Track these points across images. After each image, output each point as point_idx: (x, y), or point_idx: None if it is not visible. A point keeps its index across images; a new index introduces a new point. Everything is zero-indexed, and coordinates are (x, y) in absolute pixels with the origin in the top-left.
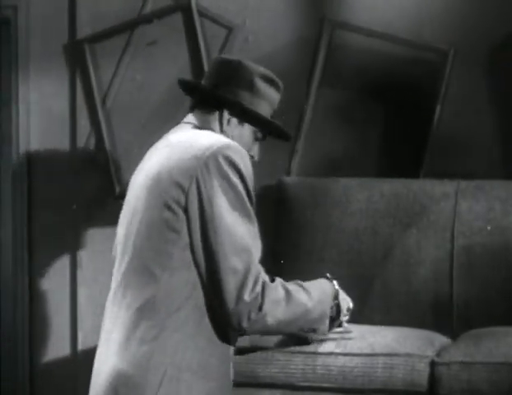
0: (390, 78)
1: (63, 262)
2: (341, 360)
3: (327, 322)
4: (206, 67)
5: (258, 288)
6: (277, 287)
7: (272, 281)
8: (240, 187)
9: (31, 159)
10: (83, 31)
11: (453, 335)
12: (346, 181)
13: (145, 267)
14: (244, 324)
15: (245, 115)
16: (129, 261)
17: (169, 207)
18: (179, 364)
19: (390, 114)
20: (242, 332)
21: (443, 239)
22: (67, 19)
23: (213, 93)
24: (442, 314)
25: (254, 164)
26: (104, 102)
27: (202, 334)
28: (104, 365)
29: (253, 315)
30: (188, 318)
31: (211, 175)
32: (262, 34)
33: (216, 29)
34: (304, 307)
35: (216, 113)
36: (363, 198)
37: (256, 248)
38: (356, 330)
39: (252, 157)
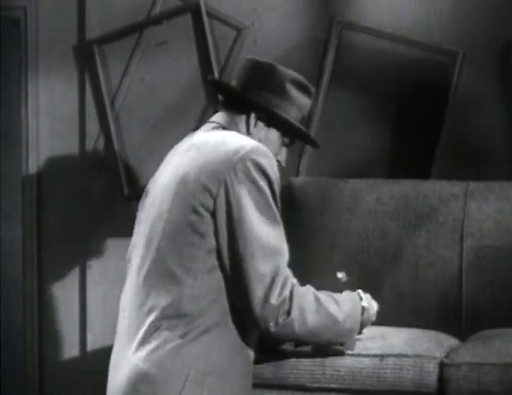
0: (399, 80)
1: (73, 264)
2: (350, 361)
3: (355, 337)
4: (215, 68)
5: (286, 292)
6: (307, 294)
7: (303, 287)
8: (268, 191)
9: (40, 160)
10: (92, 32)
11: (463, 336)
12: (355, 182)
13: (169, 269)
14: (272, 328)
15: (272, 120)
16: (152, 263)
17: (195, 211)
18: (203, 368)
19: (399, 116)
20: (271, 337)
21: (452, 240)
22: (76, 20)
23: (242, 95)
24: (451, 315)
25: None
26: (113, 103)
27: (226, 338)
28: (125, 363)
29: (280, 320)
30: (213, 323)
31: (239, 180)
32: (271, 35)
33: (226, 30)
34: (335, 319)
35: (244, 116)
36: (372, 199)
37: (284, 252)
38: (365, 331)
39: (278, 162)
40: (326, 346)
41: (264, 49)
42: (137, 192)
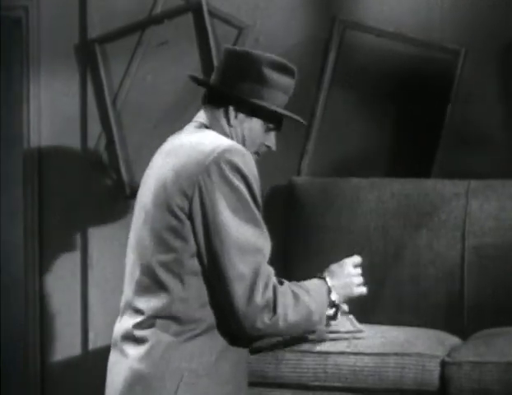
0: (401, 78)
1: (74, 262)
2: (352, 360)
3: (324, 322)
4: None
5: (270, 292)
6: (287, 290)
7: (281, 283)
8: (244, 190)
9: (42, 159)
10: (94, 31)
11: (464, 335)
12: (357, 181)
13: (157, 275)
14: (259, 326)
15: (251, 109)
16: (142, 268)
17: (175, 215)
18: (196, 369)
19: (401, 114)
20: (255, 336)
21: (454, 238)
22: (77, 19)
23: (217, 89)
24: (453, 314)
25: (265, 165)
26: (114, 102)
27: (217, 340)
28: (121, 364)
29: (266, 318)
30: (205, 325)
31: (212, 182)
32: (272, 34)
33: (227, 29)
34: (309, 309)
35: (222, 109)
36: (373, 198)
37: (263, 250)
38: (367, 330)
39: (268, 147)
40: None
41: (266, 48)
42: (137, 191)
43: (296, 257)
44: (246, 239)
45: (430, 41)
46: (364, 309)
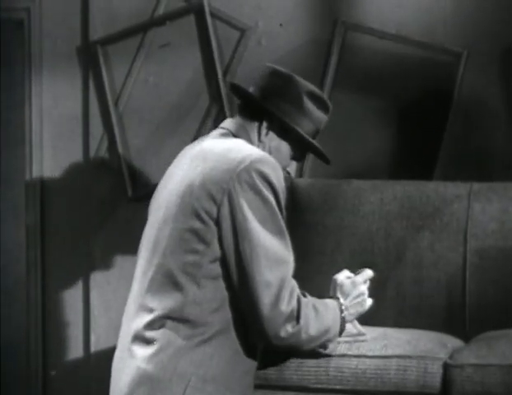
0: (403, 80)
1: (77, 266)
2: (353, 362)
3: (336, 341)
4: (219, 69)
5: (294, 302)
6: (309, 303)
7: (304, 296)
8: (272, 201)
9: (44, 161)
10: (96, 33)
11: (466, 337)
12: (359, 183)
13: (173, 276)
14: (282, 334)
15: (284, 131)
16: (157, 267)
17: (200, 218)
18: (204, 375)
19: (403, 116)
20: (278, 345)
21: (456, 241)
22: (79, 21)
23: (257, 102)
24: (455, 316)
25: None
26: (116, 104)
27: (228, 346)
28: (128, 364)
29: (289, 327)
30: (216, 331)
31: (243, 189)
32: (275, 36)
33: (229, 31)
34: (327, 325)
35: (256, 123)
36: (375, 200)
37: (289, 262)
38: (369, 332)
39: (288, 173)
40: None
41: (268, 50)
42: (140, 193)
43: (298, 259)
44: (273, 249)
45: (433, 43)
46: (366, 311)
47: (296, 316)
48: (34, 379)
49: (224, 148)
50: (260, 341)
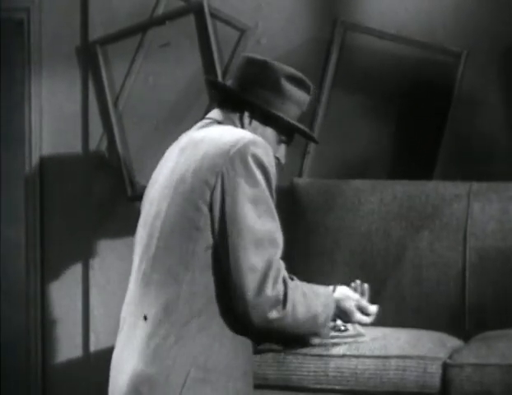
0: (403, 80)
1: (76, 264)
2: (353, 363)
3: (328, 326)
4: (218, 69)
5: (280, 286)
6: (297, 288)
7: (291, 279)
8: (264, 184)
9: (43, 161)
10: (95, 33)
11: (466, 337)
12: (359, 183)
13: (168, 266)
14: (268, 318)
15: (266, 118)
16: (151, 261)
17: (195, 206)
18: (204, 365)
19: (403, 116)
20: (264, 329)
21: (455, 240)
22: (79, 21)
23: (236, 94)
24: (454, 316)
25: None
26: (116, 104)
27: (226, 334)
28: (126, 364)
29: (275, 311)
30: (212, 320)
31: (236, 172)
32: (274, 36)
33: (229, 31)
34: (316, 310)
35: (238, 114)
36: (375, 200)
37: (277, 244)
38: (368, 332)
39: (277, 159)
40: (302, 337)
41: (267, 50)
42: (139, 192)
43: (298, 258)
44: (262, 231)
45: (432, 43)
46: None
47: (283, 300)
48: (33, 379)
49: (214, 134)
50: (246, 326)
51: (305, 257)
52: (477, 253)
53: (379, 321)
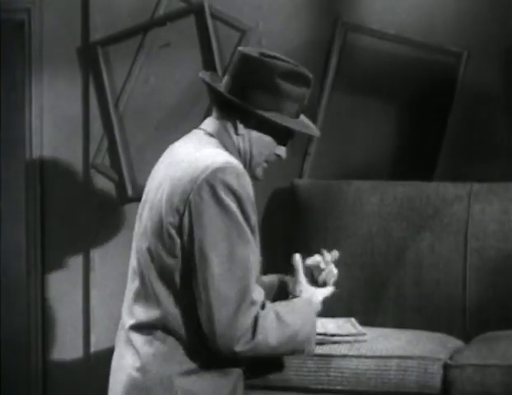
0: (403, 81)
1: (76, 265)
2: (354, 363)
3: (313, 341)
4: (219, 70)
5: (251, 318)
6: (269, 314)
7: (263, 306)
8: (234, 208)
9: (44, 161)
10: (96, 34)
11: (467, 338)
12: (359, 184)
13: (153, 289)
14: (235, 350)
15: (261, 123)
16: (140, 277)
17: (168, 232)
18: (190, 389)
19: (403, 117)
20: (233, 357)
21: (456, 241)
22: (80, 22)
23: (227, 99)
24: (455, 317)
25: (267, 167)
26: (117, 105)
27: (214, 362)
28: (121, 370)
29: (242, 344)
30: (197, 343)
31: (203, 201)
32: (275, 36)
33: (230, 31)
34: (293, 329)
35: (232, 121)
36: (376, 201)
37: (250, 273)
38: (369, 332)
39: (278, 156)
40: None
41: (268, 50)
42: (140, 193)
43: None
44: (233, 261)
45: (433, 44)
46: (366, 312)
47: (252, 331)
48: (34, 379)
49: (192, 157)
50: (217, 353)
51: (306, 257)
52: (477, 253)
53: (380, 321)
